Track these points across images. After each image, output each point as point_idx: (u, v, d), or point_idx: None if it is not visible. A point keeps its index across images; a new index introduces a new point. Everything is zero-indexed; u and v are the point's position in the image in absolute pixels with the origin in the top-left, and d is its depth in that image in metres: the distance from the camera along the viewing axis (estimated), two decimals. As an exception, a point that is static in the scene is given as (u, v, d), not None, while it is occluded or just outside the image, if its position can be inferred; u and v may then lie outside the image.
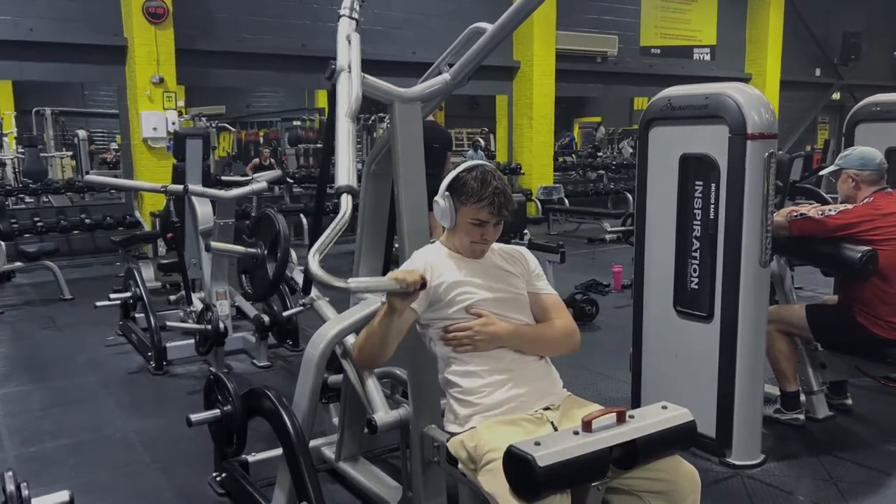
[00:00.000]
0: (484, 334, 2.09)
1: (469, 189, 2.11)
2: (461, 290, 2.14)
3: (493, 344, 2.11)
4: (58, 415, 3.91)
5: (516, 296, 2.20)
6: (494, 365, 2.11)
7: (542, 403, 2.10)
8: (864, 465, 3.16)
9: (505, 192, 2.13)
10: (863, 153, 3.36)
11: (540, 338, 2.18)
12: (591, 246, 9.59)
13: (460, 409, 2.12)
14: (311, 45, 9.69)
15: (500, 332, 2.11)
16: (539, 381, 2.14)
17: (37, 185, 9.53)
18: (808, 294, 5.73)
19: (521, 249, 2.33)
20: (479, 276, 2.17)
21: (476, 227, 2.14)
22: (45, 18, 8.43)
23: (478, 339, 2.09)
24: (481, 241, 2.16)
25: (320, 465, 3.12)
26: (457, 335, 2.11)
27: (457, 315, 2.14)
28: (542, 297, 2.24)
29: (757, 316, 3.05)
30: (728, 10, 14.09)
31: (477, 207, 2.11)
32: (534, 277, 2.26)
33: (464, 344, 2.10)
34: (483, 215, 2.11)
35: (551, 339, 2.19)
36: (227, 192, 4.65)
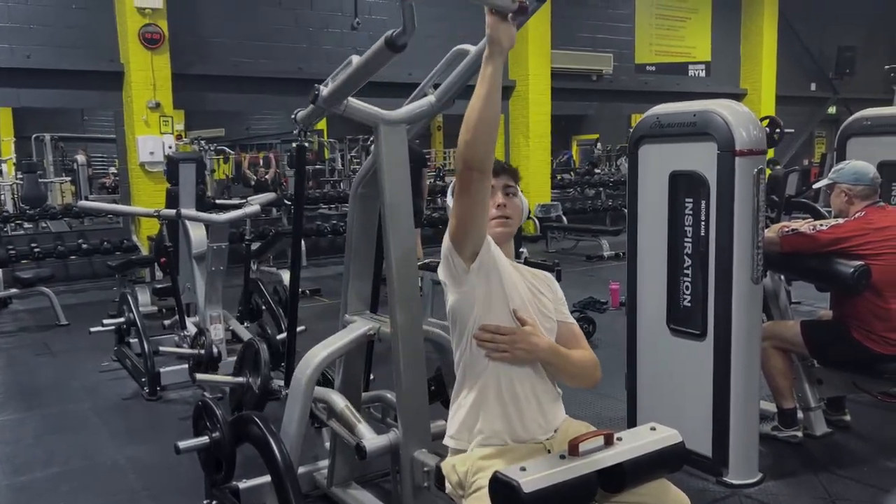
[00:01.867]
0: (526, 344, 1.93)
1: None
2: (511, 286, 1.98)
3: (531, 357, 1.96)
4: (50, 442, 3.88)
5: (549, 319, 2.08)
6: (515, 387, 1.97)
7: (546, 435, 2.02)
8: (863, 482, 3.12)
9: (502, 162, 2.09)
10: (856, 168, 3.35)
11: (572, 363, 2.04)
12: (590, 263, 9.58)
13: (464, 423, 2.00)
14: (308, 67, 9.75)
15: (543, 346, 1.96)
16: (548, 413, 2.04)
17: (34, 210, 9.55)
18: (806, 309, 5.71)
19: (546, 274, 2.21)
20: (520, 282, 2.05)
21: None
22: (42, 45, 8.51)
23: (518, 347, 1.93)
24: (498, 211, 2.04)
25: (312, 490, 3.09)
26: (498, 338, 1.92)
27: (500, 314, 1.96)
28: (567, 325, 2.13)
29: (750, 333, 3.03)
30: (722, 27, 14.18)
31: None
32: (560, 304, 2.16)
33: (501, 350, 1.93)
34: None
35: (582, 367, 2.07)
36: (219, 215, 4.64)
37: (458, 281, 1.95)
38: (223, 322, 4.80)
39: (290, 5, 9.96)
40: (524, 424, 1.99)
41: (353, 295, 2.85)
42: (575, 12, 12.25)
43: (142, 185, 8.96)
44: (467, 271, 1.93)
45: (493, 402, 1.97)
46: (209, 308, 4.73)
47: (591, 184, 13.61)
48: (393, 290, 2.38)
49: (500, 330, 1.93)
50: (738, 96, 13.79)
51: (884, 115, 4.01)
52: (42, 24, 8.51)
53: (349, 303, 2.85)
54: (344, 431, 2.65)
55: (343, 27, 10.06)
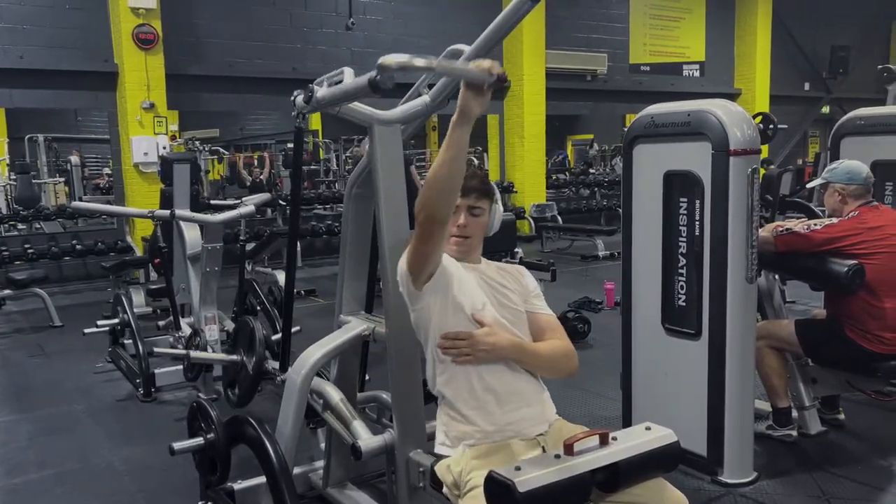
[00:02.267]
0: (486, 345, 1.96)
1: None
2: (465, 293, 2.03)
3: (493, 356, 1.99)
4: (44, 444, 3.87)
5: (515, 313, 2.10)
6: (491, 386, 2.01)
7: (534, 431, 2.04)
8: (858, 480, 3.13)
9: (476, 176, 2.06)
10: (849, 167, 3.36)
11: (540, 355, 2.07)
12: (584, 263, 9.58)
13: (451, 430, 2.04)
14: (302, 67, 9.73)
15: (504, 343, 1.99)
16: (532, 407, 2.06)
17: (28, 211, 9.52)
18: (801, 308, 5.73)
19: (518, 267, 2.26)
20: (481, 286, 2.08)
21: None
22: (35, 46, 8.47)
23: (479, 348, 1.96)
24: (457, 231, 2.07)
25: (308, 491, 3.09)
26: (457, 343, 1.96)
27: (458, 321, 2.01)
28: (541, 316, 2.16)
29: (745, 332, 3.03)
30: (716, 27, 14.21)
31: None
32: (532, 297, 2.18)
33: (463, 353, 1.96)
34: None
35: (552, 358, 2.09)
36: (214, 216, 4.63)
37: (413, 300, 2.05)
38: (218, 323, 4.78)
39: (285, 5, 9.94)
40: (509, 418, 2.01)
41: (349, 295, 2.85)
42: (569, 12, 12.26)
43: (136, 186, 8.93)
44: (420, 294, 2.01)
45: (472, 402, 2.01)
46: (204, 309, 4.72)
47: (586, 184, 13.62)
48: (388, 290, 2.37)
49: (459, 335, 1.98)
50: (732, 96, 13.82)
51: (877, 114, 4.03)
52: (35, 24, 8.48)
53: (344, 303, 2.85)
54: (338, 425, 2.65)
55: (337, 27, 10.06)
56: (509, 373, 2.04)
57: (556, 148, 17.73)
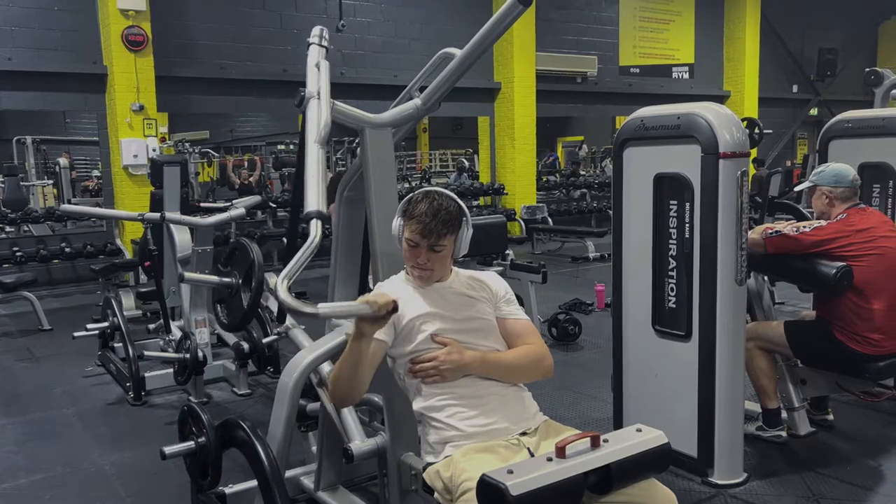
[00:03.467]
0: (450, 363, 2.05)
1: (408, 207, 2.12)
2: (424, 322, 2.11)
3: (459, 372, 2.07)
4: (33, 449, 3.84)
5: (483, 323, 2.16)
6: (464, 394, 2.07)
7: (516, 429, 2.08)
8: (847, 481, 3.15)
9: (437, 215, 2.06)
10: (836, 170, 3.39)
11: (509, 364, 2.14)
12: (575, 265, 9.61)
13: (434, 438, 2.09)
14: (293, 69, 9.72)
15: (467, 360, 2.07)
16: (510, 407, 2.11)
17: (16, 214, 9.45)
18: (790, 309, 5.77)
19: (487, 276, 2.29)
20: (441, 304, 2.14)
21: (410, 249, 2.12)
22: (23, 47, 8.43)
23: (444, 368, 2.05)
24: (416, 263, 2.12)
25: (300, 494, 3.08)
26: (423, 366, 2.07)
27: (422, 346, 2.11)
28: (512, 322, 2.20)
29: (734, 334, 3.05)
30: (705, 29, 14.29)
31: (408, 227, 2.11)
32: (502, 302, 2.22)
33: (431, 374, 2.06)
34: (412, 234, 2.10)
35: (520, 365, 2.15)
36: (204, 219, 4.62)
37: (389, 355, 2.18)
38: (208, 326, 4.77)
39: (275, 7, 9.93)
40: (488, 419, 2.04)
41: (340, 298, 2.85)
42: (559, 15, 12.30)
43: (125, 189, 8.89)
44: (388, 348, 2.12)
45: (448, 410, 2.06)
46: (194, 312, 4.71)
47: (577, 185, 13.65)
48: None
49: (422, 358, 2.07)
50: (721, 98, 13.90)
51: (865, 117, 4.07)
52: (24, 25, 8.42)
53: (335, 306, 2.84)
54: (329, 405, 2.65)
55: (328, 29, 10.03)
56: (480, 380, 2.10)
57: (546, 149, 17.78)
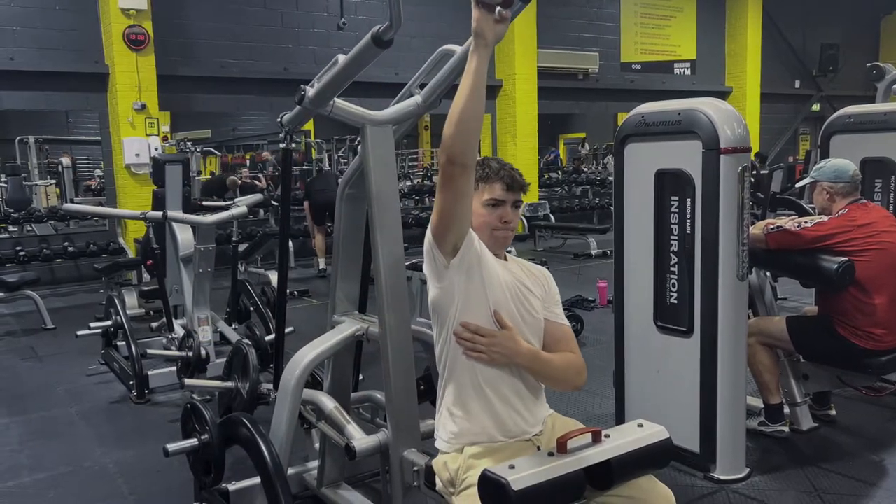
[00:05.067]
0: (504, 348, 1.94)
1: (478, 172, 2.00)
2: (493, 287, 1.98)
3: (507, 361, 1.97)
4: (36, 448, 3.85)
5: (534, 318, 2.07)
6: (493, 381, 1.99)
7: (534, 430, 2.05)
8: (849, 476, 3.15)
9: (515, 170, 2.07)
10: (836, 165, 3.39)
11: (553, 367, 2.04)
12: (577, 261, 9.61)
13: (452, 429, 2.02)
14: (294, 68, 9.73)
15: (522, 351, 1.97)
16: (532, 406, 2.06)
17: (19, 214, 9.47)
18: (792, 305, 5.77)
19: (544, 271, 2.21)
20: (509, 284, 2.03)
21: (493, 210, 2.01)
22: (25, 47, 8.44)
23: (495, 350, 1.94)
24: (502, 225, 2.03)
25: (303, 491, 3.09)
26: (476, 337, 1.94)
27: (479, 314, 1.96)
28: (557, 325, 2.13)
29: (736, 329, 3.05)
30: (707, 25, 14.27)
31: (490, 186, 2.02)
32: (553, 304, 2.15)
33: (479, 350, 1.94)
34: (497, 192, 2.01)
35: (565, 373, 2.07)
36: (206, 217, 4.63)
37: (439, 275, 1.97)
38: (211, 324, 4.78)
39: (276, 6, 9.93)
40: (510, 417, 2.01)
41: (342, 295, 2.85)
42: (560, 12, 12.29)
43: (128, 188, 8.91)
44: (447, 266, 1.94)
45: (475, 397, 1.99)
46: (197, 310, 4.71)
47: (578, 182, 13.65)
48: (381, 290, 2.38)
49: (480, 331, 1.95)
50: (723, 94, 13.88)
51: (866, 112, 4.06)
52: (25, 25, 8.44)
53: (337, 303, 2.85)
54: (334, 433, 2.65)
55: (329, 27, 10.04)
56: (516, 372, 2.03)
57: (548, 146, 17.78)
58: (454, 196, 1.84)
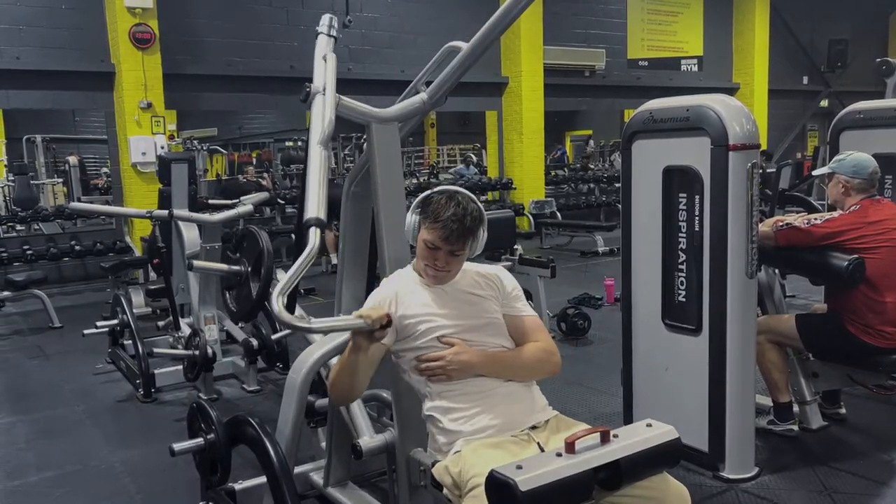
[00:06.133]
0: (456, 363, 2.03)
1: (429, 209, 2.08)
2: (430, 320, 2.09)
3: (466, 373, 2.05)
4: (43, 447, 3.85)
5: (490, 321, 2.13)
6: (471, 391, 2.06)
7: (526, 424, 2.06)
8: (860, 475, 3.12)
9: (462, 221, 2.03)
10: (857, 161, 3.32)
11: (515, 363, 2.11)
12: (584, 259, 9.58)
13: (442, 440, 2.07)
14: (300, 66, 9.69)
15: (474, 360, 2.05)
16: (519, 403, 2.09)
17: (26, 213, 9.51)
18: (801, 302, 5.72)
19: (496, 271, 2.25)
20: (448, 303, 2.11)
21: (428, 251, 2.07)
22: (31, 46, 8.45)
23: (451, 368, 2.03)
24: (433, 265, 2.09)
25: (309, 490, 3.08)
26: (429, 365, 2.05)
27: (428, 344, 2.09)
28: (520, 319, 2.18)
29: (745, 327, 3.02)
30: (714, 21, 14.19)
31: (430, 229, 2.05)
32: (511, 299, 2.19)
33: (437, 374, 2.05)
34: (434, 238, 2.05)
35: (527, 364, 2.12)
36: (212, 216, 4.62)
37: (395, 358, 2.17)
38: (217, 322, 4.78)
39: (282, 4, 9.92)
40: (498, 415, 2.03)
41: (348, 294, 2.83)
42: (567, 8, 12.24)
43: (134, 186, 8.91)
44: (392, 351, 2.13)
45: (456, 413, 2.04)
46: (203, 309, 4.71)
47: (585, 179, 13.61)
48: (387, 288, 2.36)
49: (430, 357, 2.05)
50: (730, 90, 13.80)
51: (876, 107, 4.02)
52: (31, 24, 8.45)
53: (343, 302, 2.83)
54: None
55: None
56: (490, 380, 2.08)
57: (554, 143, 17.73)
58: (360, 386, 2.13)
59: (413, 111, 2.55)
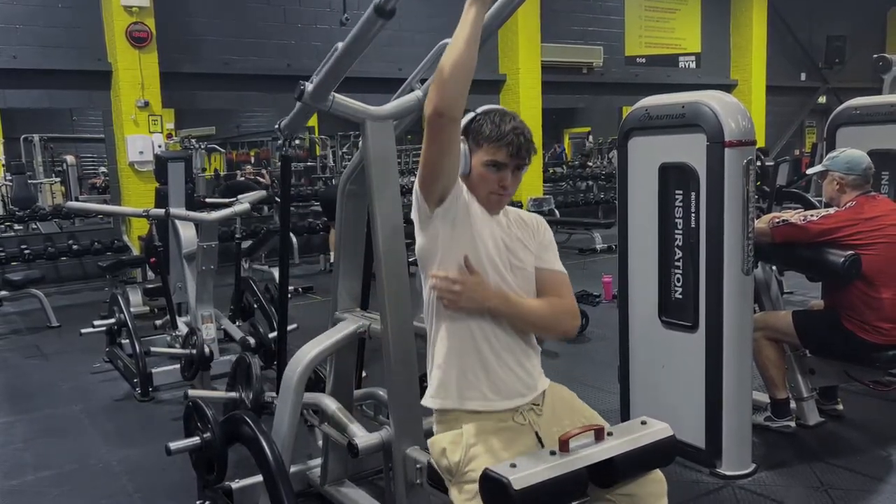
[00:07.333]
0: (472, 292, 1.87)
1: (485, 129, 1.93)
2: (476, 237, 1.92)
3: (477, 305, 1.90)
4: (41, 446, 3.85)
5: (522, 268, 2.00)
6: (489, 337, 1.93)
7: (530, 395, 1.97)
8: (856, 471, 3.13)
9: (524, 132, 1.95)
10: (850, 157, 3.33)
11: (532, 312, 1.97)
12: (582, 256, 9.58)
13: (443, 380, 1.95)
14: (297, 64, 9.69)
15: (490, 296, 1.89)
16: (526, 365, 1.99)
17: (24, 212, 9.49)
18: (798, 299, 5.73)
19: (538, 218, 2.14)
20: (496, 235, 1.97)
21: (493, 173, 1.92)
22: (28, 45, 8.43)
23: (464, 295, 1.87)
24: (498, 189, 1.94)
25: (306, 488, 3.08)
26: (445, 284, 1.88)
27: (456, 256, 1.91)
28: (548, 272, 2.05)
29: (741, 324, 3.03)
30: (712, 18, 14.17)
31: (494, 147, 1.92)
32: (543, 249, 2.07)
33: (448, 297, 1.88)
34: (500, 156, 1.91)
35: (544, 316, 1.99)
36: (209, 214, 4.62)
37: (424, 224, 1.94)
38: (215, 321, 4.78)
39: (279, 2, 9.89)
40: (504, 374, 1.94)
41: (344, 292, 2.83)
42: (564, 5, 12.23)
43: (132, 185, 8.90)
44: (431, 216, 1.90)
45: (466, 351, 1.93)
46: (200, 307, 4.71)
47: (583, 177, 13.61)
48: (382, 287, 2.36)
49: (449, 277, 1.89)
50: (728, 87, 13.79)
51: (873, 103, 4.02)
52: (28, 23, 8.43)
53: (339, 300, 2.83)
54: (337, 435, 2.64)
55: (332, 23, 10.01)
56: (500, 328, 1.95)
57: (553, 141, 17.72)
58: (440, 149, 1.79)
59: (408, 109, 2.54)
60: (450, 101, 1.72)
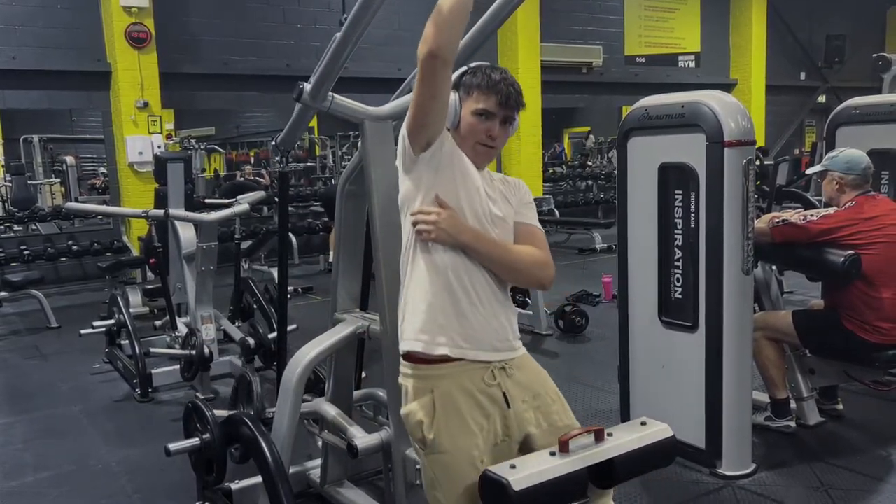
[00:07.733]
0: (447, 224, 1.88)
1: (476, 78, 1.94)
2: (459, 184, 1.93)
3: (452, 236, 1.89)
4: (41, 446, 3.85)
5: (503, 219, 2.00)
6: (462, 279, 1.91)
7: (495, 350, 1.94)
8: (857, 471, 3.13)
9: (514, 84, 1.96)
10: (849, 156, 3.33)
11: (506, 254, 1.96)
12: (582, 256, 9.58)
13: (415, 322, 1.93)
14: (296, 64, 9.68)
15: (464, 230, 1.90)
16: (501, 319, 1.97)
17: (24, 213, 9.49)
18: (798, 299, 5.72)
19: (519, 181, 2.16)
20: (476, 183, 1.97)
21: (481, 122, 1.93)
22: (27, 46, 8.43)
23: (441, 226, 1.87)
24: (486, 139, 1.94)
25: (306, 489, 3.08)
26: (420, 217, 1.90)
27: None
28: (525, 226, 2.04)
29: (741, 324, 3.02)
30: (711, 17, 14.17)
31: (484, 95, 1.92)
32: (524, 206, 2.07)
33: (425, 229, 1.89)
34: (490, 104, 1.91)
35: (517, 261, 1.97)
36: (208, 215, 4.62)
37: (408, 168, 1.94)
38: (214, 322, 4.77)
39: (278, 2, 9.89)
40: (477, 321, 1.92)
41: (343, 293, 2.83)
42: (564, 5, 12.22)
43: (131, 186, 8.90)
44: (416, 160, 1.91)
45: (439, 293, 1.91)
46: (200, 308, 4.71)
47: (583, 176, 13.61)
48: (382, 287, 2.36)
49: (424, 209, 1.90)
50: (728, 87, 13.78)
51: (872, 103, 4.01)
52: (27, 24, 8.43)
53: (339, 301, 2.83)
54: (338, 441, 2.64)
55: (331, 23, 10.00)
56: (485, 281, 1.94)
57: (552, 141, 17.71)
58: (430, 93, 1.79)
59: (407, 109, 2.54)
60: (445, 42, 1.72)
